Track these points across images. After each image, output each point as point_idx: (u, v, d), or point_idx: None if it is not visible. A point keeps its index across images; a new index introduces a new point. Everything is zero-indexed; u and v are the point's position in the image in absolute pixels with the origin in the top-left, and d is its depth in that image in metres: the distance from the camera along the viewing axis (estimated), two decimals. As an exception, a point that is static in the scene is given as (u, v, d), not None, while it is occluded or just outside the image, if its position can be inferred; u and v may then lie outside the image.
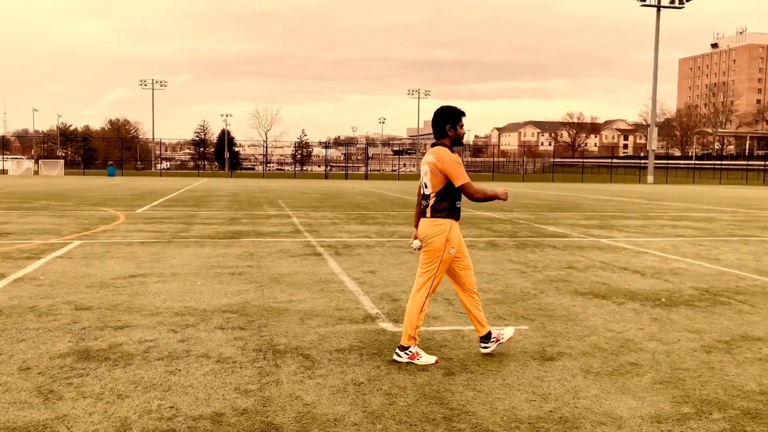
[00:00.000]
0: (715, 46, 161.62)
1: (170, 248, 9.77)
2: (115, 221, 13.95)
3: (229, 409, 3.56)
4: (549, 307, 6.22)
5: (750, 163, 73.62)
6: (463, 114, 4.53)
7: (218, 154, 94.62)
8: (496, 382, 4.11)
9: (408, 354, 4.43)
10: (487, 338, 4.63)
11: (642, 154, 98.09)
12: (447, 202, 4.43)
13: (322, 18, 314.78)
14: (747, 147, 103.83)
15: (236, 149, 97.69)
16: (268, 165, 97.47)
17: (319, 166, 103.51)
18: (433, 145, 4.56)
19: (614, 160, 77.32)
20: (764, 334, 5.37)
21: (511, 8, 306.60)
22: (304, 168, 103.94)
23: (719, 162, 77.72)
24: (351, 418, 3.48)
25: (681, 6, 55.29)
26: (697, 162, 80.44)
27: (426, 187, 4.52)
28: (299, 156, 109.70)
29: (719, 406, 3.77)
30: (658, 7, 55.34)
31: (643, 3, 55.03)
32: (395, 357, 4.48)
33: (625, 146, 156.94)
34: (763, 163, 70.50)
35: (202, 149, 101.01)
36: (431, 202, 4.47)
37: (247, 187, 33.72)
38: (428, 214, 4.48)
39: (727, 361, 4.63)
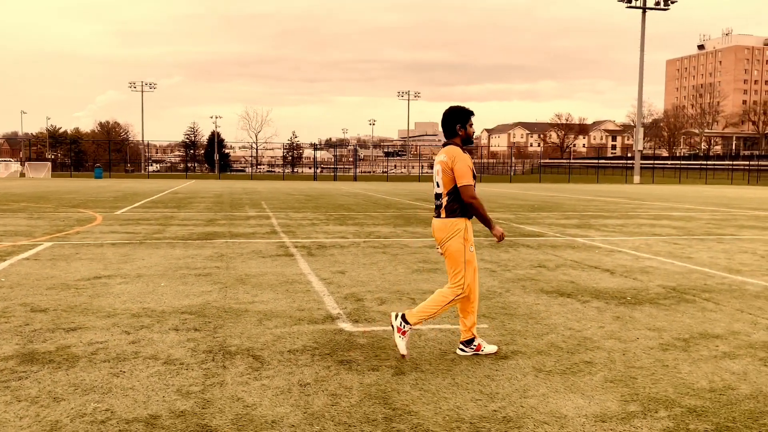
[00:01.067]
0: (701, 47, 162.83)
1: (140, 249, 9.66)
2: (91, 223, 13.80)
3: (166, 412, 3.48)
4: (512, 305, 6.17)
5: (735, 163, 74.11)
6: (471, 113, 4.55)
7: (208, 156, 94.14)
8: (445, 381, 4.06)
9: (403, 326, 4.42)
10: (468, 344, 4.60)
11: (629, 155, 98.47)
12: (460, 201, 4.40)
13: (313, 20, 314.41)
14: (733, 147, 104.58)
15: (226, 151, 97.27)
16: (259, 167, 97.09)
17: (309, 168, 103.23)
18: (444, 145, 4.54)
19: (602, 161, 77.62)
20: (723, 331, 5.35)
21: (501, 11, 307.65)
22: (295, 170, 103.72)
23: (705, 162, 78.27)
24: (289, 420, 3.41)
25: (666, 8, 55.65)
26: (683, 162, 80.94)
27: (438, 186, 4.49)
28: (290, 158, 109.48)
29: (666, 404, 3.73)
30: (644, 9, 55.66)
31: (629, 5, 55.34)
32: (392, 317, 4.50)
33: (614, 147, 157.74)
34: (748, 163, 71.03)
35: (192, 151, 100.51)
36: (444, 201, 4.44)
37: (233, 189, 33.54)
38: (442, 214, 4.46)
39: (683, 359, 4.60)
